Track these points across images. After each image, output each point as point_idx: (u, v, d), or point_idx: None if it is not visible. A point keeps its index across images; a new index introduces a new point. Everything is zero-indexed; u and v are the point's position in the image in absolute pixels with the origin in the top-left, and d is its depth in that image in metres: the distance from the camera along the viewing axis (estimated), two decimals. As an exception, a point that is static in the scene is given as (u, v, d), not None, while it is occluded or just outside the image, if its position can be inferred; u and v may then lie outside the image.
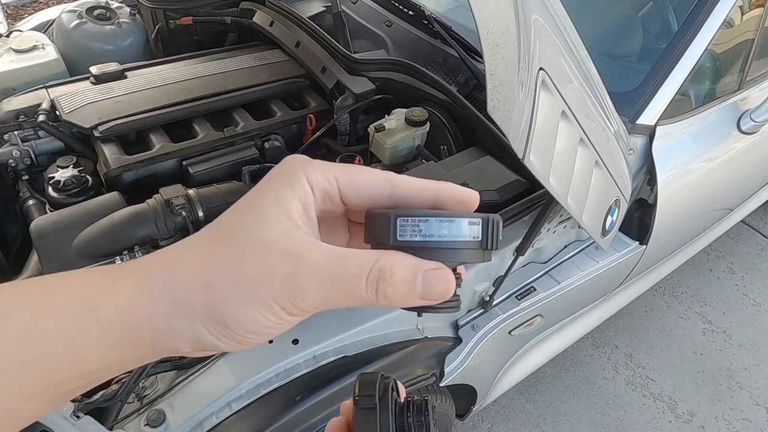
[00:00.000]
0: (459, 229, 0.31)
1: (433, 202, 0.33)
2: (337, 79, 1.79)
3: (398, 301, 0.30)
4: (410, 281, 0.30)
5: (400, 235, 0.30)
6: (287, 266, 0.29)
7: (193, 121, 1.73)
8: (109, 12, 2.18)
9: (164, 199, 1.40)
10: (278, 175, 0.32)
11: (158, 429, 1.04)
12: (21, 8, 4.05)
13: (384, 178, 0.33)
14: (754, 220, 3.02)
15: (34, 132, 1.65)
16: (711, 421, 2.15)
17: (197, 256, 0.30)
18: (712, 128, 1.75)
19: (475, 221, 0.31)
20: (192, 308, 0.29)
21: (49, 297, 0.29)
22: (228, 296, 0.29)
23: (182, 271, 0.30)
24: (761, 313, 2.56)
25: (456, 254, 0.31)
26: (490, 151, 1.54)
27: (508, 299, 1.48)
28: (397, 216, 0.31)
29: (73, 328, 0.28)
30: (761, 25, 1.78)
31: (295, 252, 0.29)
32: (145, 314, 0.29)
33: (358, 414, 0.37)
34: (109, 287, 0.29)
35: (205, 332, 0.29)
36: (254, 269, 0.29)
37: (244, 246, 0.29)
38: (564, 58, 1.06)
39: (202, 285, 0.29)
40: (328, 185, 0.32)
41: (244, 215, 0.30)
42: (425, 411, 0.38)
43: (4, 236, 1.70)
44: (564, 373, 2.25)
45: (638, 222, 1.68)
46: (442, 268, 0.31)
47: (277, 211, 0.30)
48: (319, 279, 0.29)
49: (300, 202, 0.31)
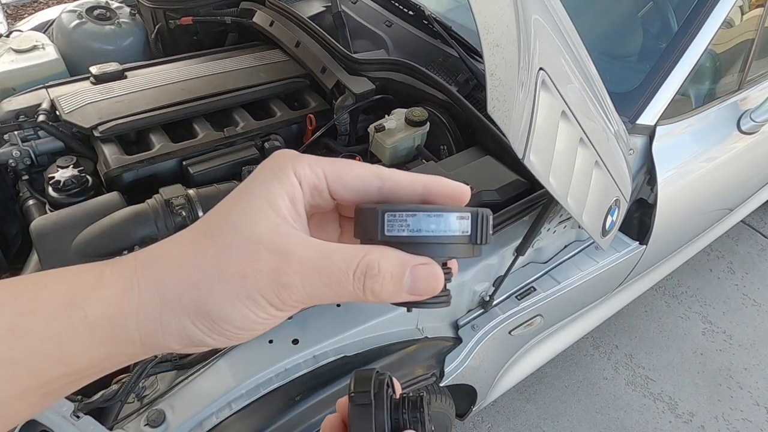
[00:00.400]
0: (447, 224, 0.30)
1: (422, 196, 0.33)
2: (337, 79, 1.79)
3: (386, 296, 0.30)
4: (398, 277, 0.29)
5: (388, 230, 0.30)
6: (274, 261, 0.29)
7: (193, 121, 1.73)
8: (109, 12, 2.18)
9: (164, 199, 1.40)
10: (266, 169, 0.31)
11: (158, 429, 1.04)
12: (21, 8, 4.05)
13: (372, 172, 0.33)
14: (754, 220, 3.02)
15: (34, 132, 1.65)
16: (711, 421, 2.15)
17: (185, 251, 0.30)
18: (712, 128, 1.75)
19: (464, 216, 0.31)
20: (180, 304, 0.29)
21: (36, 294, 0.29)
22: (215, 292, 0.29)
23: (170, 267, 0.30)
24: (761, 313, 2.56)
25: (445, 249, 0.31)
26: (490, 151, 1.54)
27: (508, 299, 1.48)
28: (384, 211, 0.30)
29: (60, 325, 0.28)
30: (761, 25, 1.78)
31: (281, 247, 0.29)
32: (132, 310, 0.29)
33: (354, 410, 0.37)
34: (97, 284, 0.29)
35: (193, 328, 0.29)
36: (241, 265, 0.29)
37: (231, 241, 0.29)
38: (564, 58, 1.06)
39: (189, 281, 0.29)
40: (317, 180, 0.32)
41: (232, 211, 0.30)
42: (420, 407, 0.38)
43: (4, 236, 1.70)
44: (564, 373, 2.25)
45: (638, 222, 1.68)
46: (430, 263, 0.30)
47: (265, 206, 0.30)
48: (306, 274, 0.29)
49: (288, 197, 0.30)
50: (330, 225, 0.37)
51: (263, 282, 0.28)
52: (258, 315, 0.29)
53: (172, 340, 0.30)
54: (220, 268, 0.29)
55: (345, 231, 0.38)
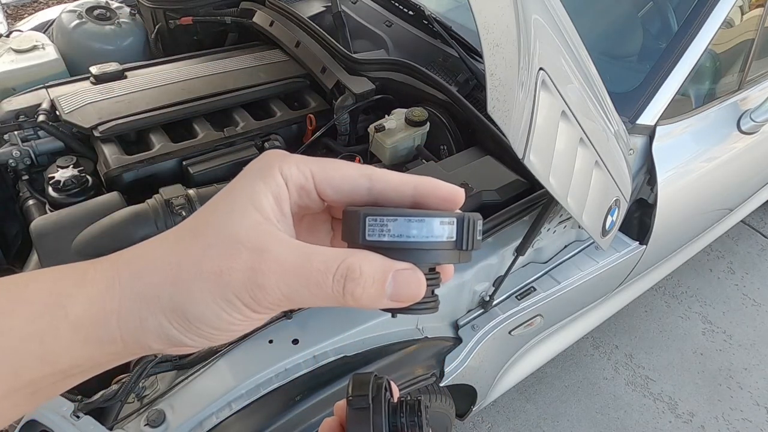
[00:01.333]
0: (430, 230, 0.29)
1: (413, 198, 0.32)
2: (337, 79, 1.79)
3: (367, 301, 0.29)
4: (380, 282, 0.29)
5: (369, 235, 0.29)
6: (250, 260, 0.28)
7: (193, 121, 1.73)
8: (109, 12, 2.18)
9: (164, 199, 1.40)
10: (252, 169, 0.31)
11: (158, 429, 1.04)
12: (21, 8, 4.05)
13: (362, 173, 0.32)
14: (754, 220, 3.02)
15: (34, 132, 1.65)
16: (711, 421, 2.15)
17: (167, 250, 0.30)
18: (712, 128, 1.75)
19: (448, 221, 0.30)
20: (158, 302, 0.28)
21: (18, 294, 0.29)
22: (192, 291, 0.28)
23: (151, 265, 0.29)
24: (761, 313, 2.56)
25: (428, 255, 0.30)
26: (490, 151, 1.54)
27: (508, 299, 1.48)
28: (366, 215, 0.30)
29: (42, 324, 0.28)
30: (761, 25, 1.78)
31: (260, 245, 0.28)
32: (113, 309, 0.29)
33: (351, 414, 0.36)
34: (79, 282, 0.29)
35: (170, 327, 0.29)
36: (218, 263, 0.28)
37: (212, 240, 0.29)
38: (564, 58, 1.06)
39: (169, 278, 0.29)
40: (304, 180, 0.31)
41: (216, 210, 0.30)
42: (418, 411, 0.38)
43: (4, 236, 1.70)
44: (564, 373, 2.25)
45: (638, 222, 1.68)
46: (412, 269, 0.29)
47: (248, 205, 0.29)
48: (283, 274, 0.28)
49: (273, 196, 0.30)
50: (322, 227, 0.37)
51: (238, 281, 0.28)
52: (233, 316, 0.28)
53: (152, 339, 0.29)
54: (198, 266, 0.28)
55: (337, 233, 0.37)
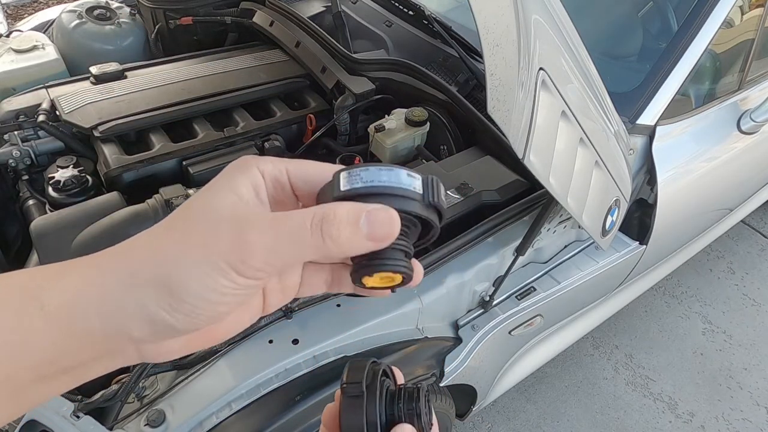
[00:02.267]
0: (398, 177, 0.32)
1: None
2: (337, 79, 1.79)
3: (345, 242, 0.30)
4: (354, 220, 0.30)
5: (343, 186, 0.31)
6: (235, 229, 0.29)
7: (193, 121, 1.73)
8: (109, 12, 2.18)
9: (164, 199, 1.40)
10: (231, 167, 0.33)
11: (158, 429, 1.04)
12: (21, 8, 4.05)
13: (333, 168, 0.34)
14: (754, 220, 3.02)
15: (34, 132, 1.65)
16: (711, 421, 2.15)
17: (152, 238, 0.31)
18: (712, 128, 1.75)
19: (413, 175, 0.32)
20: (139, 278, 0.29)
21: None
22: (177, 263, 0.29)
23: (136, 252, 0.30)
24: (761, 313, 2.56)
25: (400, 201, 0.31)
26: (490, 151, 1.54)
27: (508, 299, 1.48)
28: (340, 171, 0.32)
29: (20, 317, 0.28)
30: (761, 25, 1.78)
31: (242, 217, 0.30)
32: (93, 300, 0.29)
33: (345, 402, 0.36)
34: (57, 276, 0.30)
35: (153, 304, 0.29)
36: (203, 237, 0.29)
37: (194, 224, 0.30)
38: (564, 58, 1.06)
39: (153, 260, 0.30)
40: (279, 173, 0.33)
41: (197, 198, 0.32)
42: (417, 398, 0.36)
43: (4, 236, 1.70)
44: (564, 373, 2.25)
45: (638, 222, 1.68)
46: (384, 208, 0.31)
47: (228, 192, 0.31)
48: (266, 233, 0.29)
49: (251, 184, 0.32)
50: None
51: (224, 246, 0.29)
52: (218, 282, 0.29)
53: (134, 325, 0.29)
54: (183, 244, 0.30)
55: None
